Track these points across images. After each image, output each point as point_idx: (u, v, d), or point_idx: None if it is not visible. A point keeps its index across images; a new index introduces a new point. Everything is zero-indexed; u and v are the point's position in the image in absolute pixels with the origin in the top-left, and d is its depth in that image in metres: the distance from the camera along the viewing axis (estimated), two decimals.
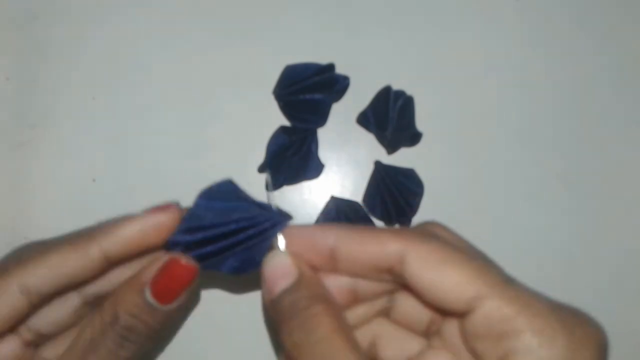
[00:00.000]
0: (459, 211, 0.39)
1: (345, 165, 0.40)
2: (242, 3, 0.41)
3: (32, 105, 0.40)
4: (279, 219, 0.25)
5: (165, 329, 0.26)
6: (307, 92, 0.39)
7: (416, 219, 0.39)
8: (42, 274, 0.24)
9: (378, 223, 0.39)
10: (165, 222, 0.26)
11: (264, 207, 0.26)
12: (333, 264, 0.25)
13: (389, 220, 0.39)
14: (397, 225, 0.39)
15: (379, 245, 0.24)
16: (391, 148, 0.39)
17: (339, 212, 0.38)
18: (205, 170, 0.39)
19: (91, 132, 0.40)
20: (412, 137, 0.39)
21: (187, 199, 0.39)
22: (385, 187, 0.38)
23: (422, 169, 0.39)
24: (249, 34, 0.41)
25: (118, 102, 0.40)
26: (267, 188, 0.28)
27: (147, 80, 0.40)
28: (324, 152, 0.40)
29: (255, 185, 0.39)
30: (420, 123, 0.40)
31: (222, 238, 0.25)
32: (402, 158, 0.39)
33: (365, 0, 0.41)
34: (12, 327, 0.25)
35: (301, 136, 0.38)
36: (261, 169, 0.39)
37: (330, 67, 0.39)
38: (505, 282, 0.22)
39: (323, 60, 0.39)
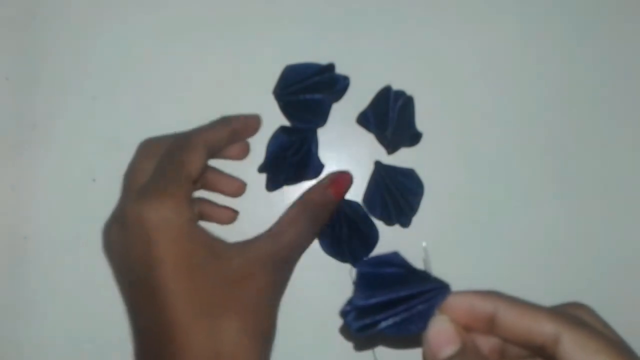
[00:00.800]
0: (458, 211, 0.39)
1: (345, 165, 0.40)
2: (243, 3, 0.41)
3: (32, 105, 0.40)
4: (440, 287, 0.27)
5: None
6: (307, 92, 0.39)
7: (416, 219, 0.39)
8: (210, 137, 0.36)
9: (377, 223, 0.39)
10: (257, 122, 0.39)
11: (426, 276, 0.27)
12: (489, 329, 0.26)
13: (388, 219, 0.39)
14: (397, 225, 0.39)
15: (536, 322, 0.24)
16: (391, 148, 0.39)
17: (339, 212, 0.38)
18: None
19: (91, 132, 0.40)
20: (412, 137, 0.39)
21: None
22: (385, 187, 0.38)
23: (422, 169, 0.39)
24: (249, 35, 0.41)
25: (118, 102, 0.40)
26: (423, 262, 0.30)
27: (147, 80, 0.40)
28: (324, 152, 0.40)
29: (255, 185, 0.39)
30: (420, 123, 0.40)
31: (392, 305, 0.26)
32: (402, 158, 0.39)
33: (365, 0, 0.41)
34: (199, 176, 0.35)
35: (301, 136, 0.39)
36: (261, 169, 0.39)
37: (330, 67, 0.39)
38: None
39: (323, 60, 0.39)
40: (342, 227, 0.38)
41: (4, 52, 0.40)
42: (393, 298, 0.26)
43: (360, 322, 0.26)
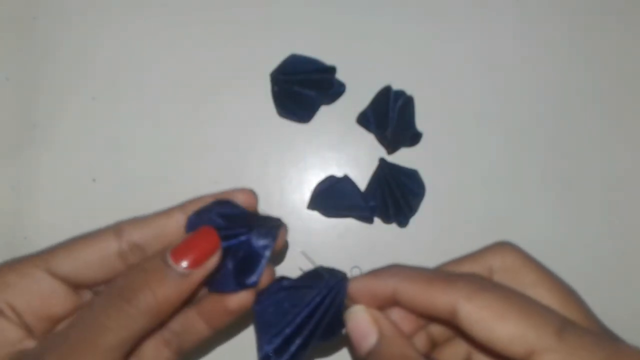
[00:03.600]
0: (458, 211, 0.39)
1: (345, 165, 0.40)
2: (243, 4, 0.41)
3: (32, 105, 0.40)
4: (336, 282, 0.26)
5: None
6: (302, 86, 0.39)
7: (415, 219, 0.39)
8: (134, 226, 0.28)
9: (377, 222, 0.39)
10: (243, 199, 0.29)
11: (319, 277, 0.27)
12: (400, 307, 0.26)
13: (386, 218, 0.39)
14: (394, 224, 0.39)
15: (431, 298, 0.24)
16: (391, 148, 0.39)
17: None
18: (206, 170, 0.39)
19: (91, 132, 0.40)
20: (412, 137, 0.39)
21: (187, 199, 0.39)
22: (387, 185, 0.38)
23: (422, 168, 0.39)
24: (249, 35, 0.41)
25: (118, 102, 0.40)
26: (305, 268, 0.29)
27: (147, 80, 0.40)
28: (324, 152, 0.40)
29: (255, 186, 0.39)
30: (420, 123, 0.40)
31: (304, 324, 0.26)
32: (402, 158, 0.39)
33: (366, 0, 0.41)
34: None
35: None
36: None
37: (331, 70, 0.39)
38: (561, 332, 0.22)
39: (323, 59, 0.39)
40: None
41: (4, 52, 0.40)
42: (299, 321, 0.26)
43: (286, 356, 0.26)
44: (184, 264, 0.25)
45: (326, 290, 0.26)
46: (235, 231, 0.27)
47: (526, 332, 0.22)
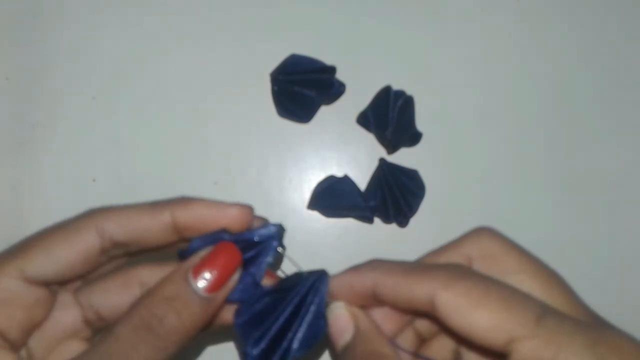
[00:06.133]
0: (457, 211, 0.39)
1: (345, 165, 0.40)
2: (243, 4, 0.41)
3: (32, 105, 0.40)
4: (317, 278, 0.26)
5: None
6: (302, 86, 0.39)
7: (415, 219, 0.39)
8: (118, 223, 0.25)
9: (376, 222, 0.39)
10: (237, 215, 0.26)
11: (298, 276, 0.27)
12: (380, 303, 0.25)
13: (386, 218, 0.39)
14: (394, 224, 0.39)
15: (409, 290, 0.24)
16: (391, 148, 0.39)
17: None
18: (205, 170, 0.39)
19: (91, 132, 0.40)
20: (412, 137, 0.39)
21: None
22: (387, 185, 0.38)
23: (422, 168, 0.39)
24: (249, 35, 0.41)
25: (118, 102, 0.40)
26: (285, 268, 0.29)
27: (147, 80, 0.40)
28: (324, 152, 0.40)
29: (254, 186, 0.39)
30: (420, 123, 0.40)
31: (287, 325, 0.26)
32: (402, 158, 0.39)
33: (366, 1, 0.41)
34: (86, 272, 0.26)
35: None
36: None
37: (331, 70, 0.39)
38: (540, 319, 0.21)
39: (323, 59, 0.39)
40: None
41: (4, 52, 0.40)
42: (283, 321, 0.25)
43: (275, 358, 0.25)
44: (207, 283, 0.24)
45: (306, 289, 0.26)
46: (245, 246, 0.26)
47: (504, 319, 0.21)
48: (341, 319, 0.25)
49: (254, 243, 0.26)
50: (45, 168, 0.40)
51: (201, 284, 0.24)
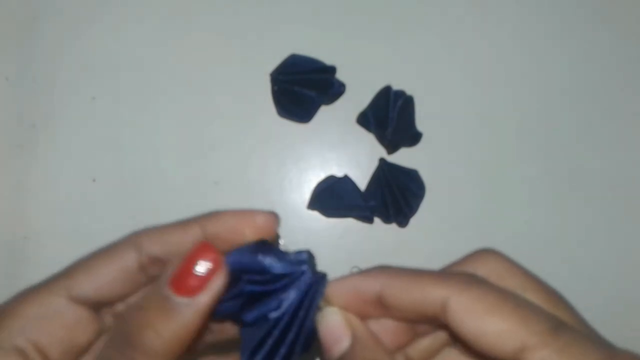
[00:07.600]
0: (458, 211, 0.39)
1: (345, 165, 0.40)
2: (243, 4, 0.41)
3: (32, 105, 0.40)
4: (315, 282, 0.25)
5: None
6: (302, 86, 0.39)
7: (415, 219, 0.39)
8: (152, 239, 0.26)
9: (376, 222, 0.39)
10: (263, 221, 0.26)
11: (294, 271, 0.25)
12: (383, 311, 0.24)
13: (386, 217, 0.39)
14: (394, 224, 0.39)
15: (421, 292, 0.23)
16: (391, 148, 0.39)
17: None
18: (206, 170, 0.39)
19: (91, 132, 0.40)
20: (412, 137, 0.39)
21: (187, 199, 0.39)
22: (387, 185, 0.38)
23: (422, 168, 0.39)
24: (249, 35, 0.41)
25: (118, 102, 0.40)
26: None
27: (147, 80, 0.40)
28: (324, 152, 0.40)
29: (255, 186, 0.39)
30: (420, 123, 0.40)
31: (285, 332, 0.24)
32: (402, 158, 0.39)
33: (366, 1, 0.41)
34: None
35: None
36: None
37: (331, 70, 0.39)
38: (554, 330, 0.21)
39: (323, 58, 0.39)
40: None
41: (4, 52, 0.40)
42: (282, 329, 0.24)
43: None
44: (186, 291, 0.23)
45: (302, 293, 0.24)
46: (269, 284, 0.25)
47: (518, 327, 0.21)
48: (336, 326, 0.24)
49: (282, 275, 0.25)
50: (45, 168, 0.40)
51: (179, 293, 0.23)
